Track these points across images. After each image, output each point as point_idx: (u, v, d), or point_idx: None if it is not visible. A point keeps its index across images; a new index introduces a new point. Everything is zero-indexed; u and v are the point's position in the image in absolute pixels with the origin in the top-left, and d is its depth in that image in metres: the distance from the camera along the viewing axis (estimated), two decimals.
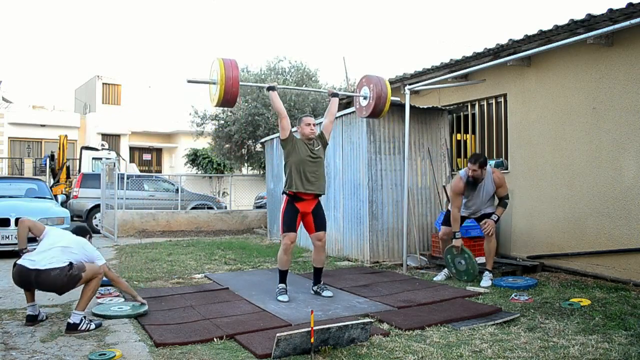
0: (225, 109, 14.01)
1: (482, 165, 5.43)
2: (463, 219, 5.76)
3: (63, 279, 3.84)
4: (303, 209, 4.85)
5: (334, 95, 5.28)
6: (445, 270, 5.75)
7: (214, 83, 4.50)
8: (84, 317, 3.89)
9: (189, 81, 4.98)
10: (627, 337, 3.52)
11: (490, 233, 5.46)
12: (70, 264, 3.90)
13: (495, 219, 5.49)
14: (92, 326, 3.87)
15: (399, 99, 5.65)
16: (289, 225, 4.83)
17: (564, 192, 6.03)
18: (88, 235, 4.41)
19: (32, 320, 4.01)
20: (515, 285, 5.17)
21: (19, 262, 3.89)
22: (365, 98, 5.41)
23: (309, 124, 4.95)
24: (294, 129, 5.18)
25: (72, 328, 3.79)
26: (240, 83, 4.55)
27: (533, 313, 4.20)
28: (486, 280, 5.41)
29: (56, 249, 3.95)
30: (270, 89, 4.94)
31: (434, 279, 5.66)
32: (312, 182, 4.81)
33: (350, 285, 5.34)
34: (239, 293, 5.05)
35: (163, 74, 38.53)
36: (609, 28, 4.67)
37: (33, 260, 3.86)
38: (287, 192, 4.87)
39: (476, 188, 5.52)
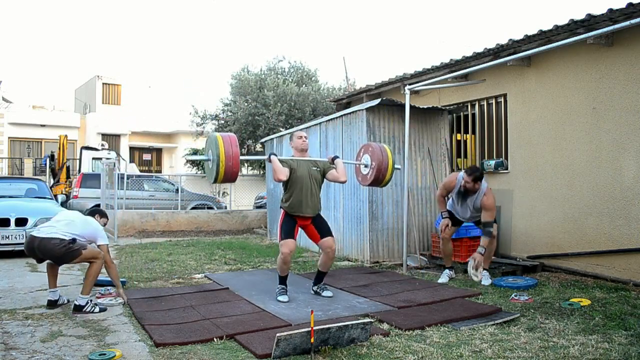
0: (226, 108, 14.04)
1: (476, 179, 5.40)
2: (460, 222, 5.83)
3: (61, 250, 4.25)
4: (301, 222, 4.85)
5: (335, 157, 5.04)
6: (447, 270, 5.74)
7: (213, 160, 4.37)
8: (90, 300, 4.32)
9: (188, 160, 4.94)
10: (627, 337, 3.52)
11: (477, 266, 5.35)
12: (73, 239, 4.32)
13: (482, 252, 5.34)
14: (97, 309, 4.25)
15: (399, 167, 5.54)
16: (287, 233, 4.77)
17: (564, 192, 6.04)
18: (98, 215, 4.84)
19: (53, 304, 4.47)
20: (515, 285, 5.17)
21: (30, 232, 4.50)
22: (366, 166, 5.26)
23: (301, 137, 4.93)
24: (289, 130, 5.15)
25: (77, 309, 4.23)
26: (240, 157, 4.45)
27: (533, 313, 4.20)
28: (486, 279, 5.43)
29: (62, 222, 4.45)
30: (269, 159, 4.84)
31: (439, 281, 5.61)
32: (310, 204, 4.78)
33: (350, 285, 5.34)
34: (239, 293, 5.05)
35: (163, 74, 38.55)
36: (609, 28, 4.67)
37: (39, 230, 4.37)
38: (286, 210, 4.85)
39: (465, 199, 5.54)
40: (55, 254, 4.28)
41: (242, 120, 12.44)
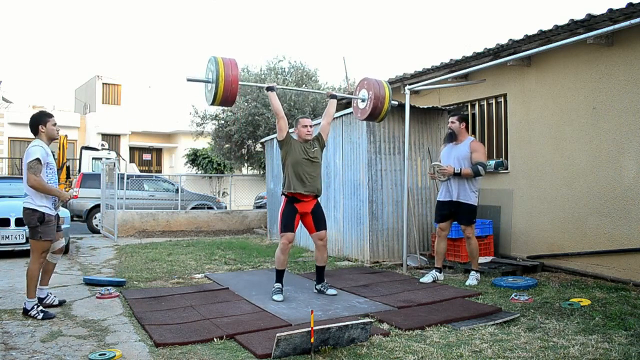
0: (226, 108, 14.02)
1: (461, 119, 5.53)
2: (453, 215, 5.59)
3: (30, 221, 4.25)
4: (302, 209, 4.86)
5: (333, 96, 5.27)
6: (434, 271, 5.65)
7: (213, 82, 4.41)
8: (36, 304, 4.23)
9: (189, 79, 4.89)
10: (627, 337, 3.52)
11: (444, 175, 5.43)
12: (42, 215, 4.23)
13: (457, 171, 5.36)
14: (40, 316, 4.15)
15: (396, 102, 5.54)
16: (287, 225, 4.84)
17: (564, 192, 6.03)
18: (41, 125, 4.37)
19: (39, 301, 4.37)
20: (515, 285, 5.17)
21: None
22: (363, 101, 5.35)
23: (306, 125, 4.96)
24: (291, 130, 5.20)
25: (24, 312, 4.22)
26: (240, 82, 4.51)
27: (533, 313, 4.20)
28: (472, 280, 5.41)
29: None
30: (269, 89, 4.93)
31: (421, 280, 5.56)
32: (310, 183, 4.85)
33: (350, 285, 5.34)
34: (239, 293, 5.05)
35: (163, 74, 38.53)
36: (609, 28, 4.67)
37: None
38: (286, 193, 4.88)
39: (452, 152, 5.55)
40: (28, 224, 4.29)
41: (242, 120, 12.42)
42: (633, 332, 3.63)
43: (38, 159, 4.19)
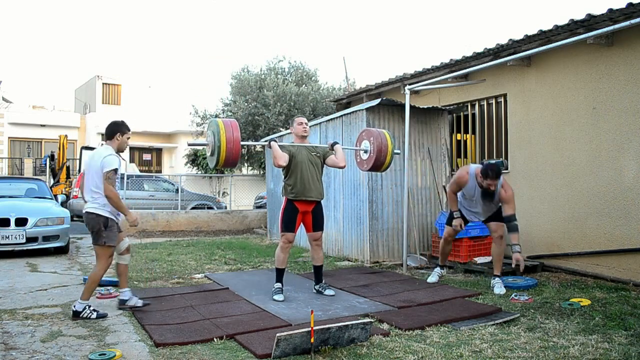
0: (226, 108, 14.03)
1: (498, 177, 5.00)
2: (466, 222, 5.50)
3: (95, 226, 4.18)
4: (303, 208, 4.85)
5: (334, 143, 5.05)
6: (438, 269, 5.65)
7: (214, 144, 4.41)
8: (88, 306, 4.15)
9: (190, 144, 4.97)
10: (627, 337, 3.52)
11: (520, 263, 4.90)
12: (107, 219, 4.16)
13: (519, 250, 4.93)
14: (94, 315, 4.12)
15: (399, 152, 5.42)
16: (287, 225, 4.83)
17: (564, 192, 6.03)
18: (117, 133, 4.48)
19: (122, 303, 4.40)
20: (515, 285, 5.17)
21: None
22: (366, 152, 5.28)
23: (301, 123, 4.96)
24: (288, 131, 5.18)
25: (75, 315, 4.10)
26: (242, 143, 4.51)
27: (533, 313, 4.20)
28: (499, 288, 5.03)
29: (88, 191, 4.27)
30: (269, 145, 4.88)
31: (428, 280, 5.55)
32: (313, 188, 4.82)
33: (350, 285, 5.34)
34: (239, 293, 5.05)
35: (163, 74, 38.49)
36: (609, 28, 4.68)
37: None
38: (290, 198, 4.86)
39: (480, 195, 5.17)
40: (92, 229, 4.26)
41: (242, 120, 12.44)
42: (633, 332, 3.63)
43: (116, 170, 4.18)
